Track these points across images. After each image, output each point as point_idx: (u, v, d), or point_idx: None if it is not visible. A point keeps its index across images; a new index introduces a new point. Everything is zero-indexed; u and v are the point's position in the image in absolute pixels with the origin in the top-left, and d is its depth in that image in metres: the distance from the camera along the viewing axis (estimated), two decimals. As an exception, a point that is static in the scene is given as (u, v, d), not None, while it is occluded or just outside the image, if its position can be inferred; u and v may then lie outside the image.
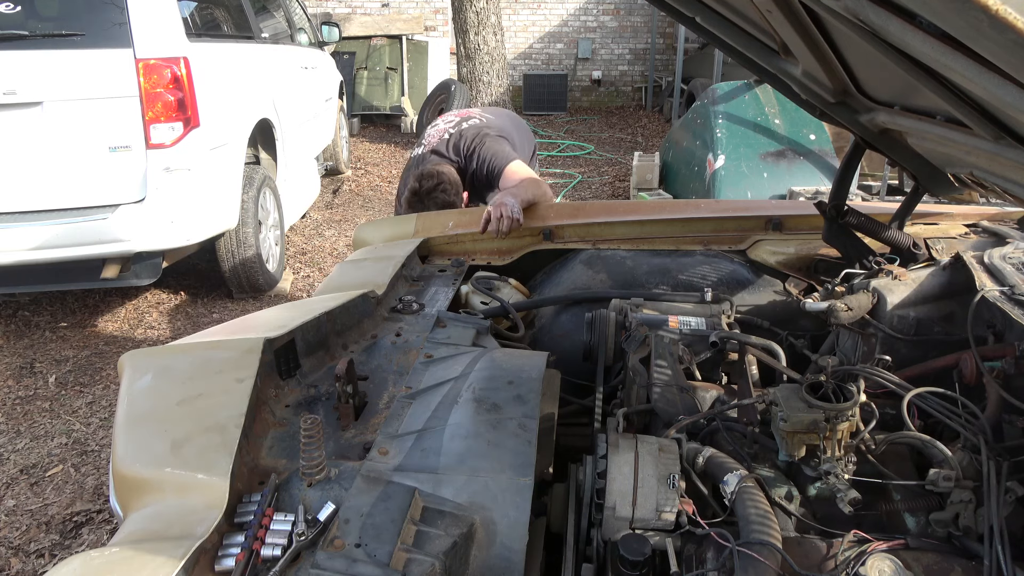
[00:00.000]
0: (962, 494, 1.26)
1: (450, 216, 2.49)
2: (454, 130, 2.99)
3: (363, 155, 9.07)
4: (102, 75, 3.61)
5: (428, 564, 1.01)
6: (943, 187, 1.96)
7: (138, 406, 1.35)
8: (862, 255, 1.99)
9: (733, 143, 5.46)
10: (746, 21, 1.59)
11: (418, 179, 2.76)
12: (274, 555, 1.03)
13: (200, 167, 3.83)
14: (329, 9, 12.02)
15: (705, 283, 2.11)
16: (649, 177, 6.40)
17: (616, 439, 1.32)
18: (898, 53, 1.01)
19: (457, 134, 2.96)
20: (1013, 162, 1.16)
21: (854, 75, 1.49)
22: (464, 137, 2.93)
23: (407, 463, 1.21)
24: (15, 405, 3.48)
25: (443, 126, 3.06)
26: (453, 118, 3.10)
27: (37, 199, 3.66)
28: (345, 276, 2.07)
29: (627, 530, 1.23)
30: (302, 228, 6.15)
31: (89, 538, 2.62)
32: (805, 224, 2.29)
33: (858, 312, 1.77)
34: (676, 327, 1.83)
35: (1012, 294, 1.62)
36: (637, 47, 12.96)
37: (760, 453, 1.45)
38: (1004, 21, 0.58)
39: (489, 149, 2.88)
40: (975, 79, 0.78)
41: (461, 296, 2.08)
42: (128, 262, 3.84)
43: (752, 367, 1.69)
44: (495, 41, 8.40)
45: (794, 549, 1.18)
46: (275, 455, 1.29)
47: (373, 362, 1.62)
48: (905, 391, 1.41)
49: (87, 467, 3.02)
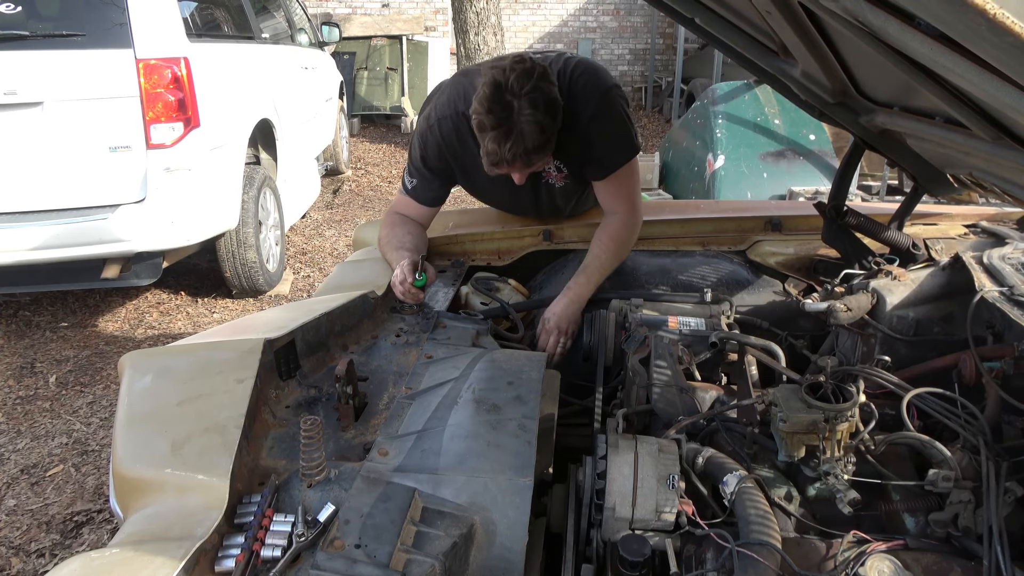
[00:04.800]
0: (961, 494, 1.26)
1: (450, 216, 2.49)
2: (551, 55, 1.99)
3: (363, 155, 9.07)
4: (102, 75, 3.61)
5: (428, 565, 1.01)
6: (942, 187, 1.96)
7: (138, 407, 1.35)
8: (861, 255, 1.99)
9: (733, 143, 5.46)
10: (745, 22, 1.59)
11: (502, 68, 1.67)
12: (274, 556, 1.03)
13: (200, 167, 3.83)
14: (329, 9, 12.02)
15: (705, 284, 2.11)
16: (649, 177, 6.40)
17: (616, 440, 1.32)
18: (897, 54, 1.01)
19: (560, 59, 1.96)
20: (1012, 163, 1.16)
21: (853, 76, 1.50)
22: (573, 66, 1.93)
23: (407, 464, 1.21)
24: (15, 405, 3.48)
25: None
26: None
27: (38, 199, 3.66)
28: (345, 276, 2.07)
29: (627, 531, 1.24)
30: (302, 228, 6.15)
31: (89, 538, 2.63)
32: (804, 224, 2.29)
33: (857, 312, 1.77)
34: (676, 327, 1.83)
35: (1011, 294, 1.62)
36: (637, 47, 12.96)
37: (760, 453, 1.45)
38: (1002, 25, 0.58)
39: (612, 114, 1.93)
40: (974, 80, 0.79)
41: (461, 297, 2.08)
42: (128, 262, 3.84)
43: (752, 368, 1.70)
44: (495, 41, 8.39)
45: (793, 549, 1.19)
46: (275, 456, 1.29)
47: (373, 363, 1.62)
48: (904, 391, 1.41)
49: (87, 467, 3.02)
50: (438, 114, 2.03)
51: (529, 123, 1.65)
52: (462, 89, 1.99)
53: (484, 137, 1.70)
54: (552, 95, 1.68)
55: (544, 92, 1.66)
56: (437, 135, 2.03)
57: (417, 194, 2.13)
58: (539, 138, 1.68)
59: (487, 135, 1.68)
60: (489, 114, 1.65)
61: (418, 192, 2.12)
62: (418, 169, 2.11)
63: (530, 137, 1.66)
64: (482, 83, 1.68)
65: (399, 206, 2.21)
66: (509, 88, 1.63)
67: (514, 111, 1.64)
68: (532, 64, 1.68)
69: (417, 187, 2.12)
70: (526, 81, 1.64)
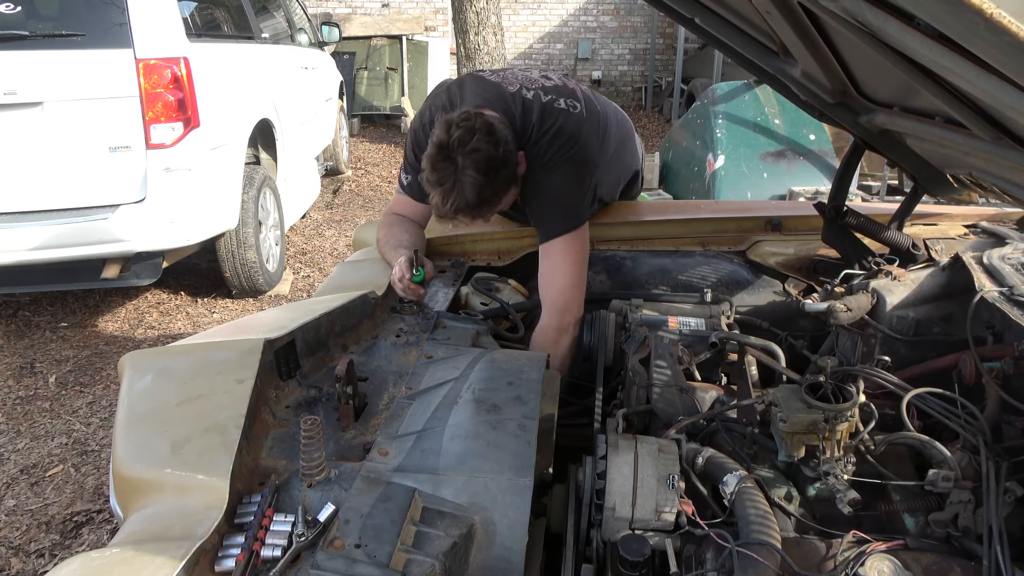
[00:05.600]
0: (961, 494, 1.26)
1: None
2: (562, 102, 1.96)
3: (363, 155, 9.07)
4: (102, 75, 3.61)
5: (428, 565, 1.01)
6: (942, 188, 1.96)
7: (138, 407, 1.35)
8: (861, 256, 1.99)
9: (733, 143, 5.46)
10: (745, 22, 1.59)
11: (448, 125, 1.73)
12: (274, 556, 1.03)
13: (200, 167, 3.83)
14: (329, 9, 12.03)
15: (705, 284, 2.11)
16: (649, 177, 6.40)
17: (616, 440, 1.33)
18: (897, 54, 1.01)
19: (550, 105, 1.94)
20: (1011, 163, 1.16)
21: (853, 76, 1.50)
22: (552, 121, 1.91)
23: (407, 464, 1.21)
24: (15, 405, 3.48)
25: (537, 76, 2.06)
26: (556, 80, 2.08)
27: (37, 199, 3.66)
28: (345, 277, 2.07)
29: (627, 531, 1.24)
30: (302, 228, 6.15)
31: (89, 538, 2.63)
32: (804, 225, 2.29)
33: (857, 313, 1.77)
34: (676, 328, 1.83)
35: (1011, 295, 1.62)
36: (637, 47, 12.96)
37: (759, 454, 1.45)
38: (999, 24, 0.58)
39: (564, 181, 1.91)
40: (973, 81, 0.79)
41: (461, 297, 2.08)
42: (128, 262, 3.84)
43: (751, 368, 1.70)
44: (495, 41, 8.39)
45: (793, 549, 1.19)
46: (275, 456, 1.29)
47: (373, 363, 1.62)
48: (904, 392, 1.41)
49: (87, 467, 3.02)
50: (431, 114, 2.06)
51: (470, 183, 1.71)
52: (456, 94, 2.03)
53: (430, 192, 1.77)
54: (491, 155, 1.72)
55: (483, 153, 1.70)
56: (431, 132, 2.04)
57: (413, 191, 2.13)
58: (478, 197, 1.73)
59: (433, 190, 1.76)
60: (433, 171, 1.73)
61: (414, 189, 2.12)
62: (413, 166, 2.12)
63: (471, 195, 1.72)
64: (431, 139, 1.75)
65: (396, 206, 2.23)
66: (451, 147, 1.70)
67: (456, 169, 1.70)
68: (476, 122, 1.72)
69: (413, 184, 2.12)
70: (468, 139, 1.69)
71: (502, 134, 1.76)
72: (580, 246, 1.95)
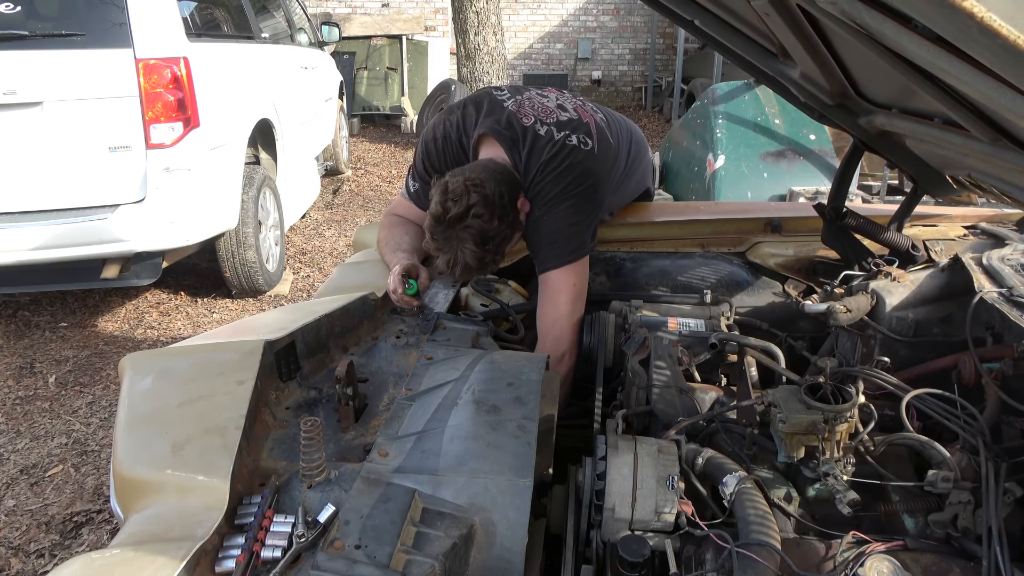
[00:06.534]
0: (961, 495, 1.27)
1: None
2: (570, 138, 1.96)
3: (363, 155, 9.07)
4: (102, 75, 3.61)
5: (428, 565, 1.01)
6: (942, 189, 1.96)
7: (139, 408, 1.36)
8: (861, 257, 1.99)
9: (733, 143, 5.46)
10: (744, 24, 1.59)
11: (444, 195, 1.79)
12: (274, 557, 1.04)
13: (200, 167, 3.83)
14: (329, 9, 12.03)
15: (704, 285, 2.11)
16: (649, 177, 6.39)
17: (615, 440, 1.33)
18: (895, 56, 1.02)
19: (561, 140, 1.94)
20: (1010, 164, 1.16)
21: (852, 78, 1.50)
22: (560, 160, 1.92)
23: (407, 465, 1.22)
24: (15, 405, 3.48)
25: (553, 106, 2.05)
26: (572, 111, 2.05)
27: (37, 199, 3.66)
28: (345, 278, 2.07)
29: (626, 531, 1.24)
30: (302, 228, 6.15)
31: (89, 538, 2.63)
32: (804, 226, 2.29)
33: (857, 314, 1.77)
34: (675, 329, 1.83)
35: (1010, 296, 1.62)
36: (637, 47, 12.96)
37: (759, 454, 1.45)
38: (990, 27, 0.59)
39: (563, 218, 1.90)
40: (970, 82, 0.79)
41: (461, 298, 2.08)
42: (128, 262, 3.84)
43: (751, 369, 1.70)
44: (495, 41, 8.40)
45: (793, 550, 1.19)
46: (275, 457, 1.29)
47: (373, 364, 1.62)
48: (904, 392, 1.41)
49: (87, 467, 3.02)
50: (444, 130, 2.09)
51: (469, 254, 1.81)
52: (472, 117, 2.04)
53: (435, 255, 1.88)
54: (486, 230, 1.79)
55: (478, 229, 1.78)
56: (441, 148, 2.09)
57: (419, 199, 2.13)
58: (479, 263, 1.84)
59: (436, 254, 1.86)
60: (433, 239, 1.83)
61: (420, 198, 2.13)
62: (420, 175, 2.14)
63: (472, 262, 1.82)
64: (430, 210, 1.83)
65: (397, 208, 2.23)
66: (448, 223, 1.78)
67: (456, 242, 1.80)
68: (470, 198, 1.77)
69: (419, 192, 2.13)
70: (464, 216, 1.78)
71: (498, 204, 1.80)
72: (577, 278, 1.95)
